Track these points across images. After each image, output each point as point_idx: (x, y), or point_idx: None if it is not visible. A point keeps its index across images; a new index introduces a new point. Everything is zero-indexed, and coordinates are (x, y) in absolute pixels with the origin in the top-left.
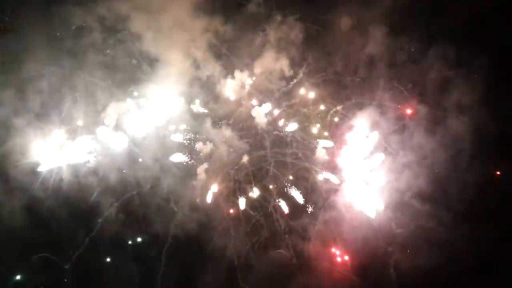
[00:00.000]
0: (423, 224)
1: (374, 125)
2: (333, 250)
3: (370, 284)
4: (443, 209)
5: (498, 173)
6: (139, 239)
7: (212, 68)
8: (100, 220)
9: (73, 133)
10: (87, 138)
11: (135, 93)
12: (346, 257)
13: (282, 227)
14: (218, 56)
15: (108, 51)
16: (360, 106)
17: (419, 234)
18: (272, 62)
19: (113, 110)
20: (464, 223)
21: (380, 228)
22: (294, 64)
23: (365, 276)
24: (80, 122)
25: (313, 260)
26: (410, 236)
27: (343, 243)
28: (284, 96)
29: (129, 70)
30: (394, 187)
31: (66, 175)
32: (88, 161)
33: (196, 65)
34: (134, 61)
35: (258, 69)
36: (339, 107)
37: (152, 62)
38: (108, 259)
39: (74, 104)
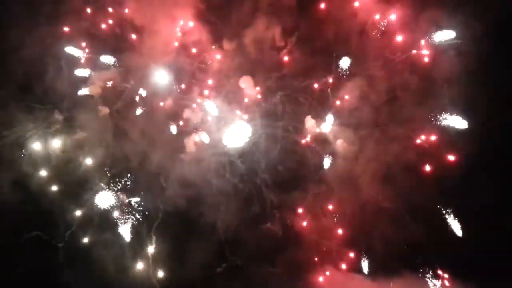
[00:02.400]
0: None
1: (364, 96)
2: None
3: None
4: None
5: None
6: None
7: (199, 36)
8: (90, 196)
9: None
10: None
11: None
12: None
13: (272, 201)
14: (205, 23)
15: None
16: (350, 77)
17: (405, 207)
18: (263, 30)
19: (97, 80)
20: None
21: (367, 201)
22: (285, 33)
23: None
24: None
25: (302, 233)
26: (396, 209)
27: (331, 216)
28: (274, 67)
29: (113, 39)
30: (383, 159)
31: (53, 148)
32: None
33: (182, 33)
34: (117, 30)
35: (248, 38)
36: (329, 77)
37: (136, 30)
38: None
39: (57, 75)
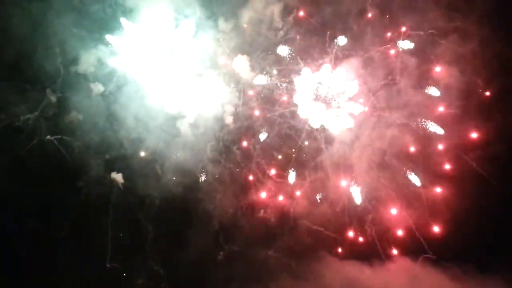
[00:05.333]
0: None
1: (362, 79)
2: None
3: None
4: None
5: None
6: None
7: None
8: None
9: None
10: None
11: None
12: None
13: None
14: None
15: None
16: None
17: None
18: (261, 9)
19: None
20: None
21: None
22: (284, 11)
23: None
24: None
25: (296, 220)
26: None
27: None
28: (270, 48)
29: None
30: (378, 146)
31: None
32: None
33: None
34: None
35: (244, 17)
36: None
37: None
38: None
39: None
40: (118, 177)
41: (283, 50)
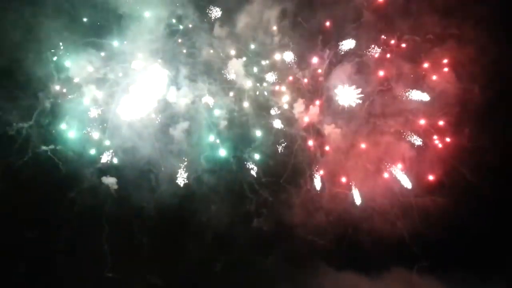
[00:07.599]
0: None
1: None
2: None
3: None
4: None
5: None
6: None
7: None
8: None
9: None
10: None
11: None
12: None
13: (263, 196)
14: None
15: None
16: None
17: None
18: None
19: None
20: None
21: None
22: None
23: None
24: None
25: (292, 228)
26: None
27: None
28: (266, 53)
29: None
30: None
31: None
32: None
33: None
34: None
35: (241, 22)
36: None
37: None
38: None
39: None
40: (111, 182)
41: (278, 56)
